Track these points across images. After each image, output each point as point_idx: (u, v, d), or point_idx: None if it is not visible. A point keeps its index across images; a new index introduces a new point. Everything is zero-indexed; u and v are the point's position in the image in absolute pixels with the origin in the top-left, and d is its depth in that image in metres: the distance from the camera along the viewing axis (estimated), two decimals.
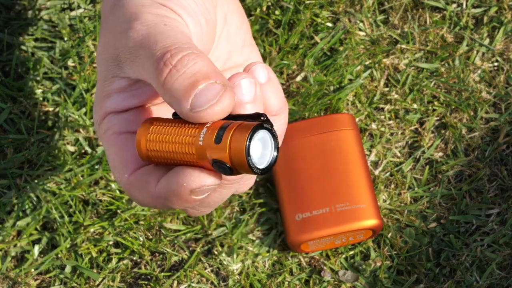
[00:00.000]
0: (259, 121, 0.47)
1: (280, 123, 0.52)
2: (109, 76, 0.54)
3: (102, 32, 0.55)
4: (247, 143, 0.46)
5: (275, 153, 0.48)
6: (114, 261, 0.81)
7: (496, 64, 0.87)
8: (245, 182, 0.54)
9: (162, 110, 0.56)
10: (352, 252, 0.80)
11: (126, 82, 0.53)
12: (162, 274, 0.80)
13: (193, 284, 0.80)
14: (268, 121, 0.48)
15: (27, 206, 0.82)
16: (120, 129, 0.54)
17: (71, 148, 0.84)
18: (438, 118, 0.85)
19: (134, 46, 0.51)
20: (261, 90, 0.51)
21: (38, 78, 0.87)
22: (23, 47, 0.88)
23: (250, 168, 0.46)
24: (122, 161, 0.53)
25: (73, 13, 0.89)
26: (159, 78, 0.49)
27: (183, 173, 0.49)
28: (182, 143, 0.49)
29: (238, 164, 0.46)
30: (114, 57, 0.53)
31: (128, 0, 0.53)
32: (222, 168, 0.47)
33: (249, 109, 0.49)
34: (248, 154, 0.46)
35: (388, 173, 0.83)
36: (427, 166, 0.83)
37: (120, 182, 0.53)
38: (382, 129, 0.85)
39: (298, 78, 0.87)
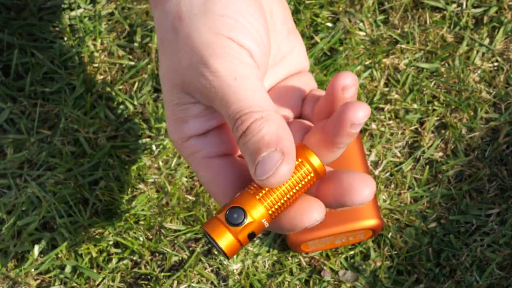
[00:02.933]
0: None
1: None
2: (182, 103, 0.56)
3: (163, 52, 0.56)
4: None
5: None
6: (114, 261, 0.81)
7: (496, 64, 0.87)
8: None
9: None
10: (352, 252, 0.80)
11: (201, 107, 0.56)
12: (162, 274, 0.80)
13: (193, 284, 0.80)
14: None
15: (27, 206, 0.82)
16: (209, 153, 0.56)
17: (71, 148, 0.84)
18: (438, 118, 0.85)
19: (207, 93, 0.53)
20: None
21: (38, 78, 0.87)
22: (23, 47, 0.88)
23: None
24: (221, 188, 0.55)
25: (73, 13, 0.89)
26: (235, 137, 0.53)
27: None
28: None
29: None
30: (185, 88, 0.55)
31: (191, 27, 0.54)
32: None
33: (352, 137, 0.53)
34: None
35: (388, 173, 0.83)
36: (427, 166, 0.83)
37: (219, 201, 0.57)
38: (382, 129, 0.85)
39: None
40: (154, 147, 0.84)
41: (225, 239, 0.51)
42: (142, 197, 0.82)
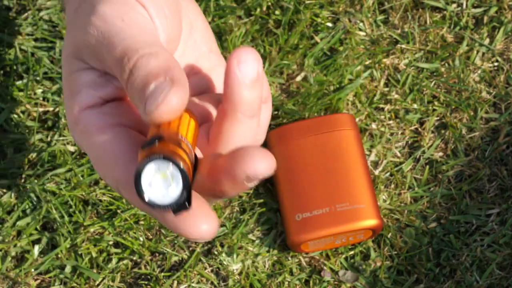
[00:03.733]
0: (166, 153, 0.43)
1: (267, 110, 0.50)
2: (74, 70, 0.50)
3: (66, 33, 0.52)
4: (136, 171, 0.43)
5: (179, 191, 0.43)
6: (114, 261, 0.81)
7: (496, 64, 0.87)
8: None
9: None
10: (352, 252, 0.80)
11: (93, 74, 0.50)
12: (162, 274, 0.80)
13: (193, 284, 0.80)
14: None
15: (27, 206, 0.82)
16: (104, 123, 0.49)
17: (71, 148, 0.84)
18: (438, 118, 0.85)
19: (95, 43, 0.48)
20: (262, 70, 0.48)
21: (38, 78, 0.87)
22: (23, 47, 0.88)
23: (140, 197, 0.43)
24: (115, 157, 0.48)
25: None
26: (122, 82, 0.47)
27: None
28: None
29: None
30: (76, 52, 0.50)
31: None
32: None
33: (250, 90, 0.46)
34: (137, 184, 0.43)
35: (388, 173, 0.83)
36: (427, 166, 0.83)
37: (110, 179, 0.49)
38: (382, 129, 0.85)
39: (298, 78, 0.87)
40: None
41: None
42: None
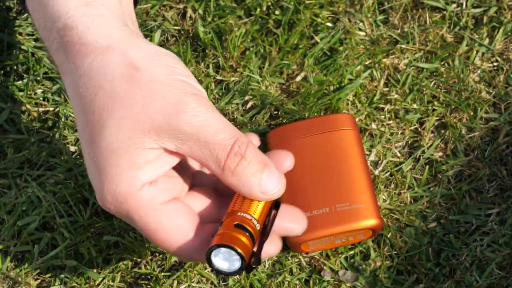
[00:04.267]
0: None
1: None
2: (143, 148, 0.59)
3: (116, 101, 0.59)
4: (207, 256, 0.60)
5: (238, 265, 0.60)
6: (114, 261, 0.81)
7: (496, 64, 0.87)
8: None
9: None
10: (352, 252, 0.80)
11: (157, 154, 0.59)
12: (162, 274, 0.80)
13: (193, 284, 0.80)
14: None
15: (27, 206, 0.82)
16: (167, 198, 0.61)
17: (71, 148, 0.84)
18: (438, 118, 0.85)
19: (189, 131, 0.58)
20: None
21: (38, 78, 0.87)
22: (23, 47, 0.88)
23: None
24: (184, 230, 0.61)
25: None
26: (229, 165, 0.59)
27: None
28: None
29: None
30: (150, 132, 0.58)
31: (146, 75, 0.59)
32: None
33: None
34: (209, 259, 0.60)
35: (388, 173, 0.83)
36: (427, 166, 0.83)
37: (183, 250, 0.62)
38: (382, 129, 0.85)
39: (298, 78, 0.87)
40: None
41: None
42: None
